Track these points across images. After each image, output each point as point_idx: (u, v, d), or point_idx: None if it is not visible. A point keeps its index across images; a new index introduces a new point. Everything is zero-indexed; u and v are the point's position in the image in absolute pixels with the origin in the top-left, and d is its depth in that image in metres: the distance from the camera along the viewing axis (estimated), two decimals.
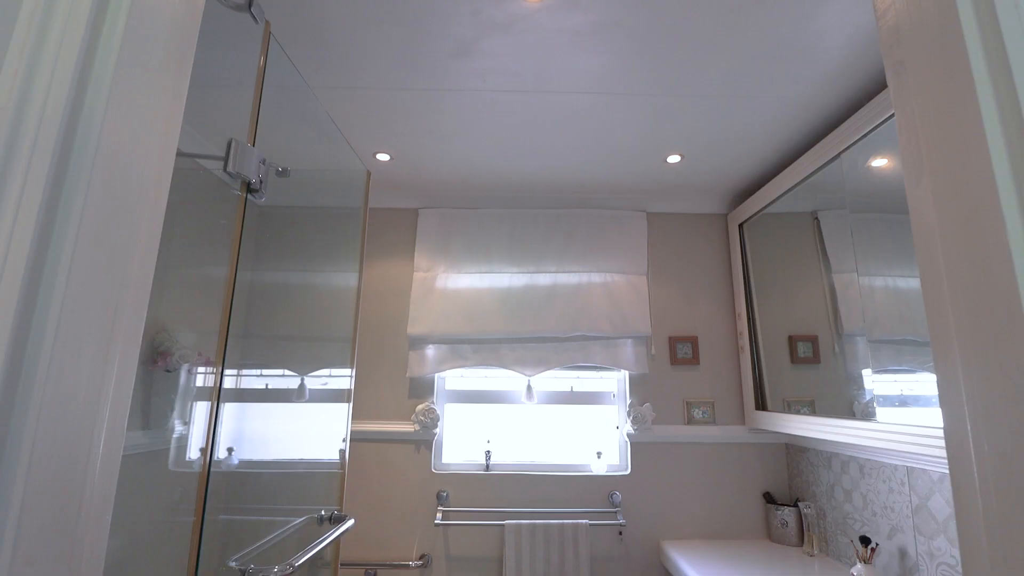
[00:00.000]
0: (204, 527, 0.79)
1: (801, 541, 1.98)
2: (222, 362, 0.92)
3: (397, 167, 2.09)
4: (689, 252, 2.38)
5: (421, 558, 2.05)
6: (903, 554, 1.50)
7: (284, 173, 1.55)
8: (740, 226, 2.32)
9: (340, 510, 1.34)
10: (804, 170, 1.83)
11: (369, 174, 1.81)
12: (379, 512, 2.10)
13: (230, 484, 1.99)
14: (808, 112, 1.67)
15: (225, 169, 0.91)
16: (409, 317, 2.24)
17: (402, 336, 2.25)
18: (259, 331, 2.21)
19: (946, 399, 0.51)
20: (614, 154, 1.96)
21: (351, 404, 1.54)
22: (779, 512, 2.04)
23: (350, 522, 1.29)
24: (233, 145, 0.93)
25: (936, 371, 0.53)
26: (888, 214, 1.56)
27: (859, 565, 1.52)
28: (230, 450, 2.12)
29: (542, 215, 2.37)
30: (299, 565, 0.96)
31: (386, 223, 2.37)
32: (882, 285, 1.62)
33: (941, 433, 1.25)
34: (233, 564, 0.91)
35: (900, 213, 1.52)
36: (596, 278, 2.31)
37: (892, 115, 1.42)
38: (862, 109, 1.50)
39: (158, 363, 1.61)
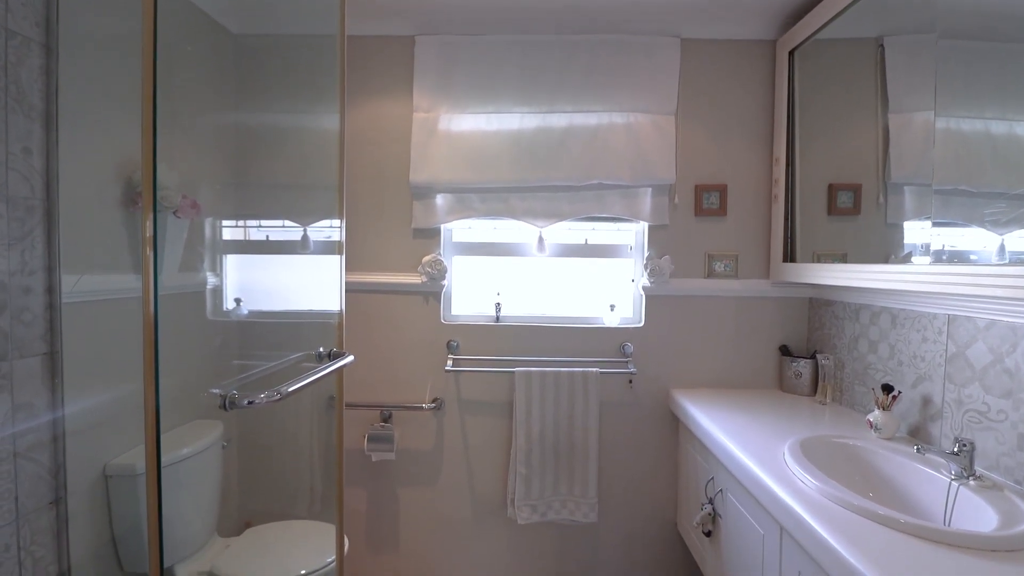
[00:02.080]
0: (159, 367, 0.72)
1: (814, 391, 1.96)
2: (153, 207, 0.79)
3: None
4: (727, 87, 2.07)
5: (434, 401, 2.10)
6: (926, 402, 1.44)
7: None
8: (790, 54, 1.98)
9: (339, 349, 1.30)
10: None
11: None
12: (391, 360, 2.11)
13: (228, 332, 2.00)
14: None
15: None
16: (411, 164, 2.06)
17: (405, 185, 2.08)
18: (247, 179, 2.07)
19: None
20: None
21: (343, 256, 1.43)
22: (794, 364, 2.00)
23: (349, 358, 1.26)
24: None
25: None
26: (984, 41, 1.28)
27: (877, 412, 1.48)
28: (238, 301, 2.11)
29: (558, 42, 2.04)
30: (292, 392, 0.92)
31: (378, 55, 2.08)
32: (943, 127, 1.39)
33: (1002, 273, 1.10)
34: (215, 391, 0.86)
35: (999, 41, 1.24)
36: (617, 118, 2.05)
37: None
38: None
39: (139, 204, 1.49)
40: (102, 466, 1.37)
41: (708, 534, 1.68)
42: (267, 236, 2.17)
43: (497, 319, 2.14)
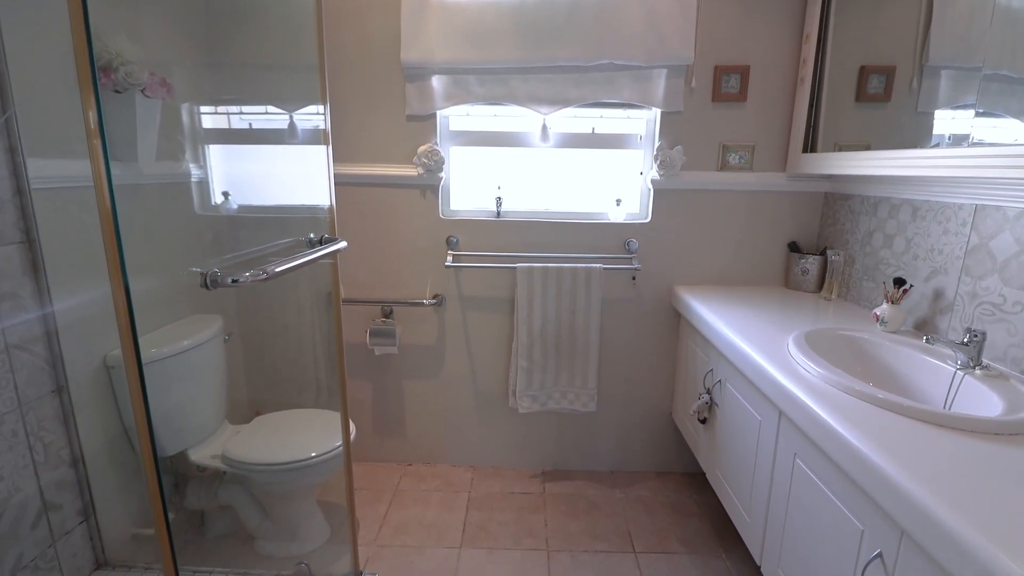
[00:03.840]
0: (124, 260, 0.65)
1: (819, 288, 1.94)
2: (93, 87, 0.67)
3: None
4: None
5: (435, 297, 2.09)
6: (938, 295, 1.41)
7: None
8: None
9: (331, 235, 1.24)
10: None
11: None
12: (389, 256, 2.06)
13: (219, 227, 1.92)
14: None
15: None
16: (402, 40, 1.86)
17: (395, 65, 1.90)
18: (223, 59, 1.88)
19: None
20: None
21: (330, 146, 1.32)
22: (802, 260, 1.95)
23: (342, 243, 1.20)
24: None
25: None
26: None
27: (885, 305, 1.46)
28: (225, 194, 2.01)
29: None
30: (280, 273, 0.87)
31: None
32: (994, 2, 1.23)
33: None
34: (196, 270, 0.81)
35: None
36: None
37: None
38: None
39: (101, 80, 1.35)
40: (102, 357, 1.37)
41: (703, 421, 1.73)
42: (250, 124, 2.02)
43: (498, 214, 2.06)
